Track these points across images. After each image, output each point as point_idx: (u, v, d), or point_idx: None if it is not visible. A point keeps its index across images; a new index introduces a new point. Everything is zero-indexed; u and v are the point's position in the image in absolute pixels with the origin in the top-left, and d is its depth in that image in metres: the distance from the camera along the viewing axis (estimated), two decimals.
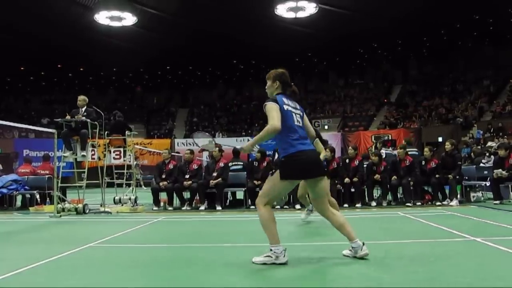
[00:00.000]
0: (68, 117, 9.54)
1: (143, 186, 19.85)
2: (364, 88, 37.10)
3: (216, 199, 9.68)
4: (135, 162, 20.81)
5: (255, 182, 9.78)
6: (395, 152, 11.50)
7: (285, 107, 3.99)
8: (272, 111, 3.89)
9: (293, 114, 4.05)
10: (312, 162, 4.03)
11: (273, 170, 9.51)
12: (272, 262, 3.92)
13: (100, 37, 28.14)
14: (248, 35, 28.85)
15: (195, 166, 10.29)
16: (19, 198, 11.47)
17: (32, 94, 39.60)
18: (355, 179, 9.62)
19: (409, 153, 10.80)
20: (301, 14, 25.78)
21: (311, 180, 4.06)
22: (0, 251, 5.02)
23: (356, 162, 9.91)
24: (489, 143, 21.94)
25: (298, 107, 4.22)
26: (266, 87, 4.26)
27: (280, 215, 8.46)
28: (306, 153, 3.97)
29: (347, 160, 10.05)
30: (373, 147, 11.36)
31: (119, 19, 25.68)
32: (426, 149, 10.25)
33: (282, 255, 3.95)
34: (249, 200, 9.82)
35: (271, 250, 3.97)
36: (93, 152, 9.69)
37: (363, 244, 3.90)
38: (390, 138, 25.97)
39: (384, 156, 10.77)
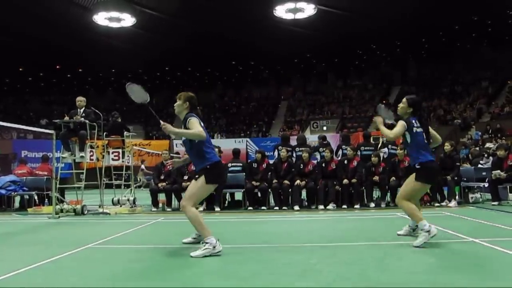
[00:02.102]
0: (66, 118, 9.55)
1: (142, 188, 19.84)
2: (362, 89, 37.15)
3: (214, 200, 9.67)
4: (141, 165, 20.77)
5: (254, 183, 9.78)
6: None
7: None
8: (197, 123, 4.59)
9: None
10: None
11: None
12: (210, 253, 4.37)
13: (99, 38, 28.14)
14: (247, 36, 28.88)
15: (193, 167, 10.27)
16: (17, 199, 11.44)
17: (30, 95, 39.56)
18: (353, 180, 9.62)
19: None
20: (299, 15, 25.81)
21: None
22: None
23: (355, 163, 9.91)
24: (488, 144, 21.98)
25: None
26: (175, 105, 4.87)
27: (277, 216, 8.46)
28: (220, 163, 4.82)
29: (345, 161, 10.05)
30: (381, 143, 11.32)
31: (118, 20, 25.69)
32: None
33: (217, 245, 4.43)
34: (248, 202, 9.82)
35: (207, 242, 4.42)
36: (91, 153, 9.68)
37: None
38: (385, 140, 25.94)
39: (387, 155, 10.74)
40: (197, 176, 4.71)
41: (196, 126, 4.54)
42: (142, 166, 22.36)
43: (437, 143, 5.36)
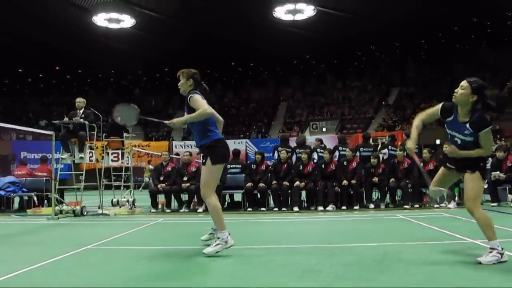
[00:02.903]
0: (66, 119, 9.55)
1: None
2: (362, 90, 37.19)
3: None
4: (149, 166, 20.69)
5: (252, 184, 9.79)
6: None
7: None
8: (199, 100, 4.49)
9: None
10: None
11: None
12: (223, 248, 4.40)
13: (99, 39, 28.17)
14: (246, 37, 28.91)
15: (193, 168, 10.27)
16: (16, 200, 11.43)
17: (30, 96, 39.57)
18: (353, 181, 9.62)
19: None
20: (299, 17, 25.85)
21: None
22: None
23: (354, 164, 9.92)
24: None
25: None
26: (179, 84, 4.73)
27: (277, 217, 8.46)
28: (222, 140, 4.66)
29: (345, 162, 10.05)
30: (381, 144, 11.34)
31: (118, 21, 25.72)
32: (425, 151, 10.25)
33: (229, 239, 4.47)
34: (247, 203, 9.82)
35: (218, 238, 4.47)
36: (91, 154, 9.69)
37: None
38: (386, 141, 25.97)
39: (387, 156, 10.74)
40: (203, 160, 4.60)
41: (199, 104, 4.43)
42: (150, 167, 22.37)
43: None
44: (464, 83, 3.88)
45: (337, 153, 10.81)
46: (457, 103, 3.91)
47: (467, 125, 3.87)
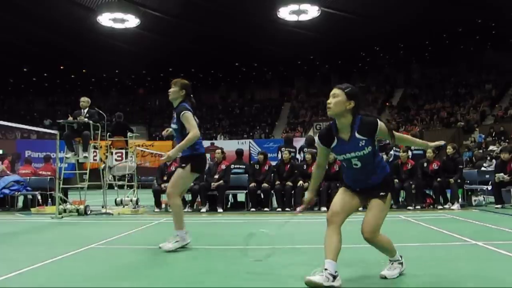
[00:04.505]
0: (70, 118, 9.58)
1: None
2: (366, 91, 37.10)
3: (217, 202, 9.68)
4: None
5: (255, 184, 9.79)
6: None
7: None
8: (192, 120, 4.74)
9: None
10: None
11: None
12: (181, 244, 4.71)
13: (103, 39, 28.22)
14: (250, 37, 28.91)
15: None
16: (20, 199, 11.48)
17: (34, 96, 39.72)
18: None
19: (414, 152, 10.77)
20: (303, 17, 25.79)
21: None
22: (2, 252, 5.03)
23: None
24: (491, 147, 21.93)
25: None
26: (170, 91, 4.94)
27: (279, 218, 8.46)
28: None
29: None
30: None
31: (122, 21, 25.75)
32: (429, 150, 10.22)
33: (187, 236, 4.78)
34: (250, 203, 9.82)
35: (177, 235, 4.75)
36: (95, 154, 9.70)
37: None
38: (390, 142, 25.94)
39: (391, 158, 10.72)
40: (183, 164, 4.86)
41: (192, 125, 4.72)
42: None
43: None
44: (336, 90, 3.37)
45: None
46: (333, 116, 3.33)
47: (356, 135, 3.26)
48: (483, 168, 12.58)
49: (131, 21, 25.83)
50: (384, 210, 3.34)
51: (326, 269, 3.12)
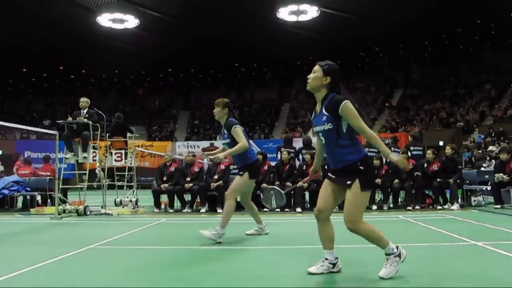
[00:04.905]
0: (70, 118, 9.57)
1: None
2: (365, 91, 37.14)
3: (217, 202, 9.68)
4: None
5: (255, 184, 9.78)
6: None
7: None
8: (241, 133, 5.35)
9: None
10: None
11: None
12: (217, 238, 5.17)
13: (102, 39, 28.23)
14: (249, 38, 28.92)
15: (196, 169, 10.29)
16: (20, 199, 11.47)
17: (34, 96, 39.71)
18: None
19: (414, 152, 10.79)
20: (302, 18, 25.80)
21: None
22: (2, 252, 5.03)
23: None
24: (490, 148, 21.94)
25: None
26: (215, 112, 5.57)
27: (279, 218, 8.46)
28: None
29: None
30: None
31: (121, 21, 25.75)
32: (429, 151, 10.25)
33: (221, 234, 5.25)
34: None
35: (216, 229, 5.24)
36: (94, 154, 9.70)
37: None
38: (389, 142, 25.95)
39: None
40: (241, 172, 5.44)
41: (241, 138, 5.33)
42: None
43: None
44: (315, 67, 3.59)
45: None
46: (311, 90, 3.57)
47: (323, 110, 3.43)
48: (482, 169, 12.59)
49: (131, 21, 25.83)
50: (357, 197, 3.34)
51: (326, 259, 3.57)
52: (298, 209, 9.39)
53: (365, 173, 3.36)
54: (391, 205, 9.99)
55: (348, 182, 3.36)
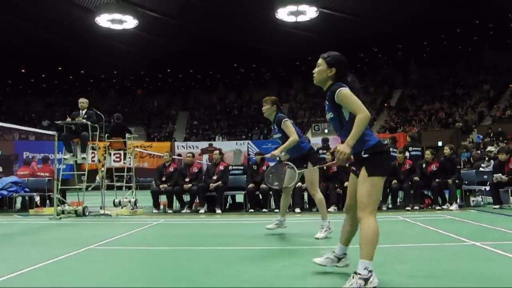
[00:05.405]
0: (68, 119, 9.56)
1: None
2: (364, 92, 37.09)
3: (216, 202, 9.68)
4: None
5: (254, 185, 9.79)
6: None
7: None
8: (291, 127, 5.60)
9: None
10: None
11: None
12: (328, 232, 5.54)
13: (101, 39, 28.21)
14: (248, 38, 28.93)
15: (195, 169, 10.29)
16: (19, 200, 11.46)
17: (32, 96, 39.65)
18: None
19: (412, 153, 10.80)
20: (301, 18, 25.81)
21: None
22: (1, 253, 5.03)
23: None
24: (489, 148, 21.95)
25: None
26: (264, 109, 5.80)
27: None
28: None
29: (347, 164, 10.03)
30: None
31: (120, 22, 25.73)
32: (427, 152, 10.25)
33: (330, 225, 5.60)
34: (249, 204, 9.82)
35: (323, 226, 5.60)
36: (93, 155, 9.70)
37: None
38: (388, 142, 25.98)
39: None
40: (304, 165, 5.57)
41: (292, 130, 5.57)
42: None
43: None
44: (319, 60, 3.49)
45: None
46: (318, 84, 3.53)
47: (326, 100, 3.45)
48: (481, 169, 12.61)
49: (130, 22, 25.81)
50: (362, 184, 3.26)
51: (333, 252, 3.71)
52: (297, 210, 9.39)
53: (371, 159, 3.26)
54: (390, 206, 9.99)
55: (358, 172, 3.34)
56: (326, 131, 32.16)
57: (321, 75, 3.47)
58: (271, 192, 9.88)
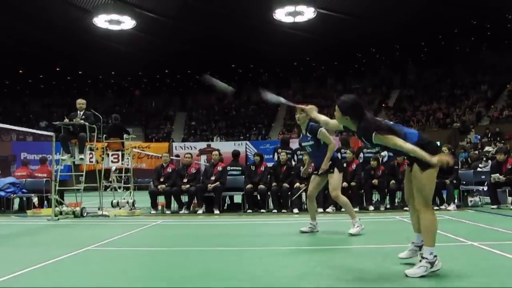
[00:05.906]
0: (66, 120, 9.54)
1: None
2: (362, 92, 37.14)
3: (214, 203, 9.68)
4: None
5: (252, 186, 9.79)
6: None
7: None
8: (328, 135, 5.93)
9: None
10: None
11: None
12: (361, 229, 5.81)
13: (99, 40, 28.16)
14: (246, 39, 28.93)
15: (193, 170, 10.28)
16: (16, 201, 11.42)
17: (30, 97, 39.57)
18: (352, 183, 9.61)
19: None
20: (299, 19, 25.78)
21: None
22: None
23: (354, 166, 9.92)
24: (487, 148, 22.02)
25: None
26: (298, 117, 6.04)
27: (276, 219, 8.47)
28: None
29: (344, 164, 10.04)
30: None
31: (118, 22, 25.67)
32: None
33: (361, 223, 5.90)
34: (247, 204, 9.82)
35: (354, 224, 5.88)
36: (91, 156, 9.68)
37: None
38: None
39: (386, 159, 10.74)
40: (331, 170, 5.95)
41: (329, 139, 5.95)
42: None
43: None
44: (336, 106, 3.83)
45: (339, 155, 10.81)
46: (346, 128, 4.03)
47: (362, 137, 3.85)
48: (479, 169, 12.62)
49: (127, 22, 25.75)
50: (418, 178, 3.57)
51: (412, 242, 3.89)
52: (295, 210, 9.40)
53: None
54: (388, 206, 9.99)
55: (410, 167, 3.66)
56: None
57: (342, 122, 3.86)
58: (269, 193, 9.89)
